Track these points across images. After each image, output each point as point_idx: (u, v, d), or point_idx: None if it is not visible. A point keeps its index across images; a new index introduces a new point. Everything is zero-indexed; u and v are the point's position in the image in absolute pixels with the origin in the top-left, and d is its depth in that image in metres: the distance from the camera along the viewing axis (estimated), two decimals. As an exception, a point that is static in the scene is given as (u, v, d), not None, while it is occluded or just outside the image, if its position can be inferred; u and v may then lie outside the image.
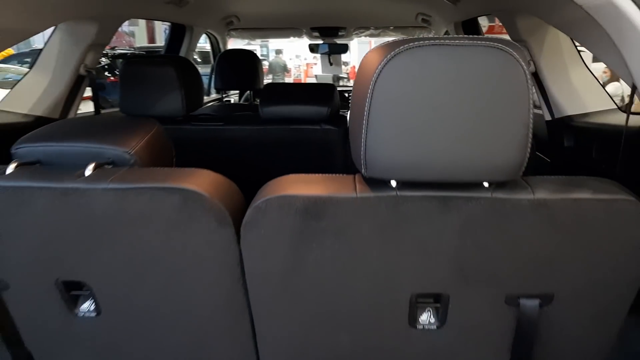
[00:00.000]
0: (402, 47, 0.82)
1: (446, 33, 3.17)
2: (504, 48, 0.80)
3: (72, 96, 2.00)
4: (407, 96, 0.83)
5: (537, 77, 1.95)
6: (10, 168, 0.99)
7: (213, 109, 3.19)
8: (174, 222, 0.95)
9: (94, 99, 2.13)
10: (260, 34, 4.25)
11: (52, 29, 1.91)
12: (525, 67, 0.81)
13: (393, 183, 0.90)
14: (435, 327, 1.06)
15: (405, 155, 0.85)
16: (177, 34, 3.03)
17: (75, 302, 1.12)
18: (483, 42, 0.81)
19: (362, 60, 0.89)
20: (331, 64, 4.14)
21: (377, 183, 0.91)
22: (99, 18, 1.96)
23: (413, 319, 1.06)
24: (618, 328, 1.03)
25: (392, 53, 0.82)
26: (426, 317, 1.07)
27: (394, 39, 0.86)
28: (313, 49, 4.02)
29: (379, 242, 0.94)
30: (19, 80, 1.91)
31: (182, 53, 3.05)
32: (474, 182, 0.88)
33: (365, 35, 3.94)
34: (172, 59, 1.81)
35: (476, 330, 1.06)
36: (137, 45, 12.15)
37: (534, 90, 1.64)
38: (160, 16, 2.63)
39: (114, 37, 2.23)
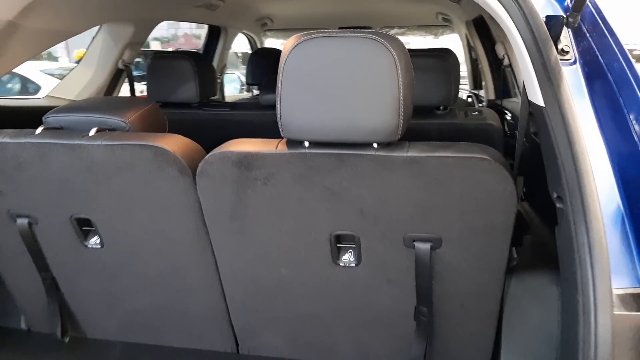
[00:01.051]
0: (305, 37, 1.09)
1: None
2: (376, 39, 1.06)
3: (112, 86, 2.41)
4: (309, 74, 1.10)
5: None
6: (39, 130, 1.35)
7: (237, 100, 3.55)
8: (148, 172, 1.27)
9: (130, 87, 2.53)
10: (294, 34, 4.58)
11: (96, 30, 2.32)
12: (394, 53, 1.06)
13: (306, 143, 1.17)
14: (354, 264, 1.32)
15: (310, 121, 1.12)
16: (213, 35, 3.41)
17: (86, 236, 1.47)
18: (362, 34, 1.06)
19: (283, 45, 1.17)
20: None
21: (294, 144, 1.18)
22: (135, 20, 2.35)
23: (336, 257, 1.32)
24: (502, 265, 1.23)
25: (298, 41, 1.09)
26: (347, 257, 1.33)
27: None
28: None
29: (297, 190, 1.21)
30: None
31: (217, 52, 3.43)
32: (363, 142, 1.13)
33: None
34: (189, 55, 2.16)
35: (385, 268, 1.30)
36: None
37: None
38: (194, 18, 3.01)
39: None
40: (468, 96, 3.81)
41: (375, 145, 1.14)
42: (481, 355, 1.42)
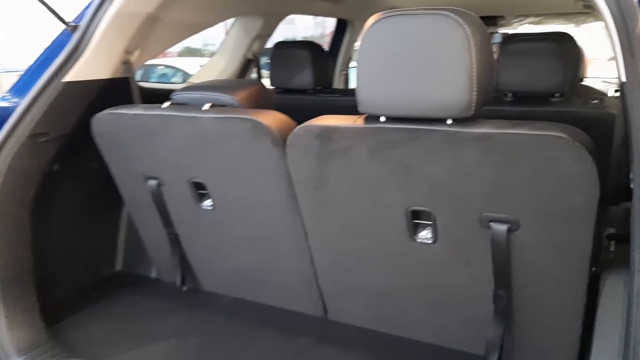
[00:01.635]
0: (383, 15, 1.15)
1: None
2: (448, 15, 1.08)
3: (242, 74, 2.68)
4: (385, 51, 1.16)
5: None
6: (165, 105, 1.60)
7: None
8: (248, 142, 1.44)
9: (257, 76, 2.78)
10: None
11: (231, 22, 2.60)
12: (467, 28, 1.07)
13: (382, 118, 1.23)
14: (430, 241, 1.35)
15: (385, 96, 1.19)
16: (341, 28, 3.56)
17: (201, 198, 1.70)
18: (436, 11, 1.10)
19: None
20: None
21: (371, 119, 1.25)
22: (264, 14, 2.59)
23: (412, 233, 1.36)
24: (586, 254, 1.17)
25: (376, 19, 1.16)
26: (424, 234, 1.36)
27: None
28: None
29: (372, 164, 1.28)
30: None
31: (343, 45, 3.57)
32: (436, 117, 1.16)
33: (525, 24, 3.93)
34: (307, 44, 2.33)
35: (461, 247, 1.31)
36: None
37: None
38: (321, 12, 3.18)
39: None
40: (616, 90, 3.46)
41: (448, 121, 1.16)
42: (566, 350, 1.35)
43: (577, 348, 1.33)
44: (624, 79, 0.97)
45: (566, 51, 1.78)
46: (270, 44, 2.67)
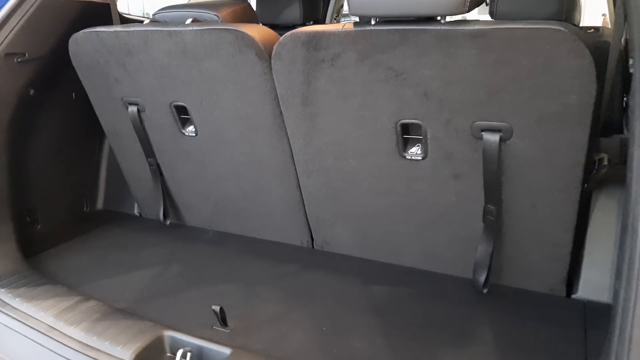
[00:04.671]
0: None
1: None
2: None
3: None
4: None
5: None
6: (146, 21, 1.52)
7: None
8: (231, 56, 1.37)
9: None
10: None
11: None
12: None
13: (373, 21, 1.17)
14: (420, 157, 1.31)
15: None
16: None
17: (183, 124, 1.64)
18: None
19: None
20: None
21: (361, 24, 1.19)
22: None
23: (402, 149, 1.32)
24: (580, 158, 1.13)
25: None
26: (414, 150, 1.32)
27: None
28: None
29: (362, 72, 1.22)
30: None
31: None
32: (428, 14, 1.10)
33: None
34: None
35: (451, 160, 1.27)
36: None
37: None
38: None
39: None
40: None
41: (441, 20, 1.11)
42: (555, 264, 1.33)
43: (567, 264, 1.31)
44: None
45: None
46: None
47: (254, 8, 2.30)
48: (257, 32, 1.36)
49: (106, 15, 1.79)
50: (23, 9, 1.53)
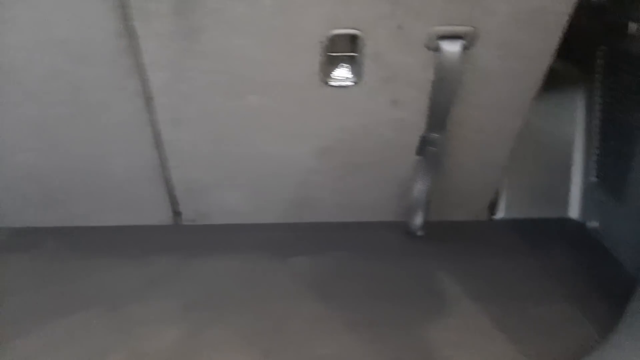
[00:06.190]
0: None
1: None
2: None
3: None
4: None
5: None
6: None
7: None
8: None
9: None
10: None
11: None
12: None
13: None
14: (351, 82, 0.97)
15: None
16: None
17: None
18: None
19: None
20: None
21: None
22: None
23: (326, 74, 0.95)
24: (544, 65, 0.97)
25: None
26: (342, 73, 0.97)
27: None
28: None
29: None
30: None
31: None
32: None
33: None
34: None
35: (393, 82, 0.98)
36: None
37: None
38: None
39: None
40: None
41: None
42: (486, 190, 1.22)
43: (495, 188, 1.21)
44: None
45: None
46: None
47: None
48: None
49: None
50: None
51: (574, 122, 1.25)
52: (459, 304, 0.99)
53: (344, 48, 0.94)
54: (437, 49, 0.92)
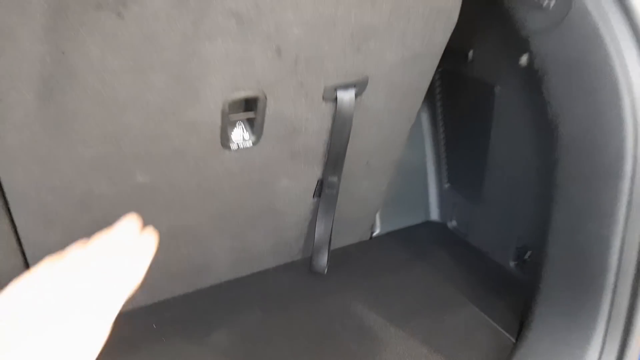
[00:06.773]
0: None
1: None
2: None
3: None
4: None
5: None
6: None
7: None
8: None
9: None
10: None
11: None
12: None
13: None
14: (251, 142, 0.91)
15: None
16: None
17: None
18: None
19: None
20: None
21: None
22: None
23: (226, 138, 0.88)
24: (420, 98, 1.05)
25: None
26: (240, 134, 0.90)
27: None
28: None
29: (182, 21, 0.69)
30: None
31: None
32: None
33: None
34: None
35: (293, 137, 0.95)
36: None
37: None
38: None
39: None
40: None
41: None
42: (371, 214, 1.28)
43: (378, 210, 1.28)
44: None
45: None
46: None
47: None
48: None
49: None
50: None
51: (422, 136, 1.39)
52: (383, 329, 1.02)
53: (242, 109, 0.88)
54: (333, 99, 0.93)
